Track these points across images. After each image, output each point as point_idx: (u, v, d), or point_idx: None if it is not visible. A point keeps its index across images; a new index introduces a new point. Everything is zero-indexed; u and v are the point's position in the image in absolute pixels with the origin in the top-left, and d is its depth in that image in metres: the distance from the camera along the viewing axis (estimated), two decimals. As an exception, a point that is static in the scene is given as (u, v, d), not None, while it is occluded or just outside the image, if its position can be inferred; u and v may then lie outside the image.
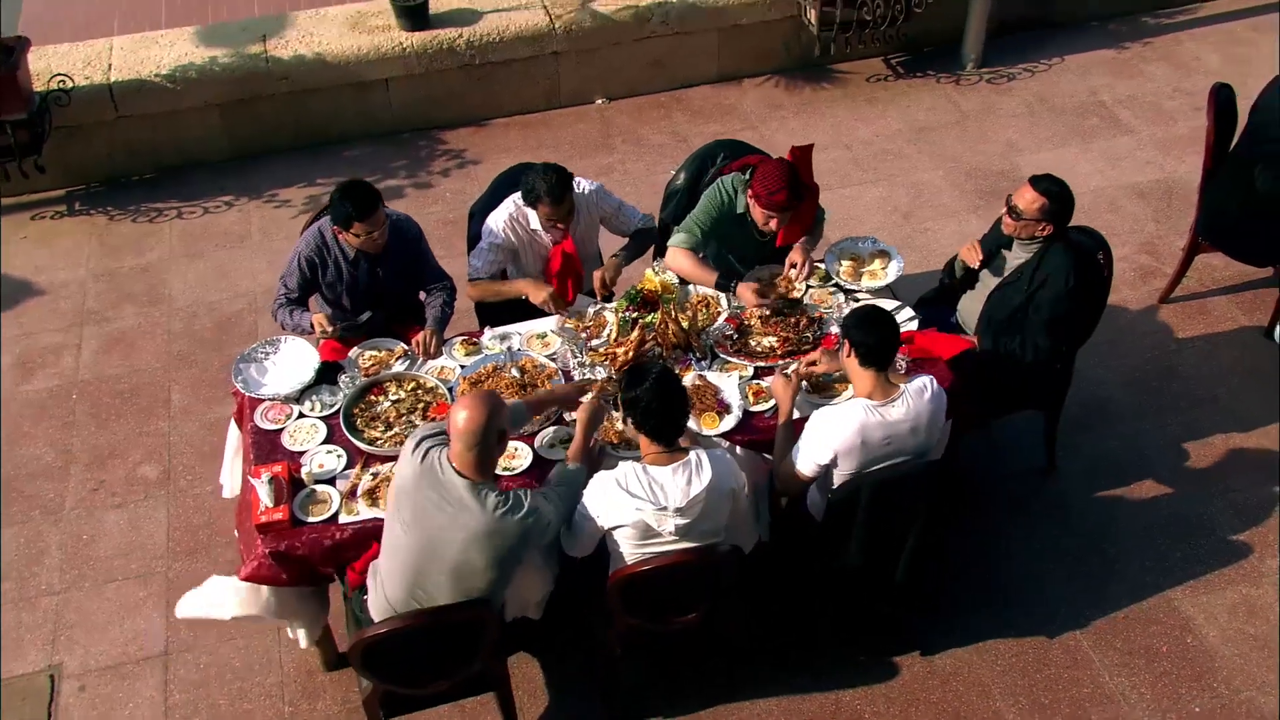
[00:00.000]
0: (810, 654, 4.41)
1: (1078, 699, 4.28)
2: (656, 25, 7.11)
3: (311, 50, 6.72)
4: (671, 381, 3.68)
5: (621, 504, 3.60)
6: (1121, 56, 7.68)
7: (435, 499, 3.47)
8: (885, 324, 3.81)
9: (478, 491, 3.45)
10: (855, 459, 3.79)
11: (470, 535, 3.45)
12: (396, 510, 3.58)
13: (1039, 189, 4.38)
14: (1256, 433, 5.22)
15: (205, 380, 5.61)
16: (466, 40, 6.86)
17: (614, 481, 3.64)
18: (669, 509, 3.57)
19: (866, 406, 3.80)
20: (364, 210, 4.34)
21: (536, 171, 4.50)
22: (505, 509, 3.47)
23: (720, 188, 4.76)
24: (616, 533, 3.67)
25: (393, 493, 3.63)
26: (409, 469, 3.54)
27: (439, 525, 3.47)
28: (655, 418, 3.61)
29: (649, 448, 3.67)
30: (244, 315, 5.96)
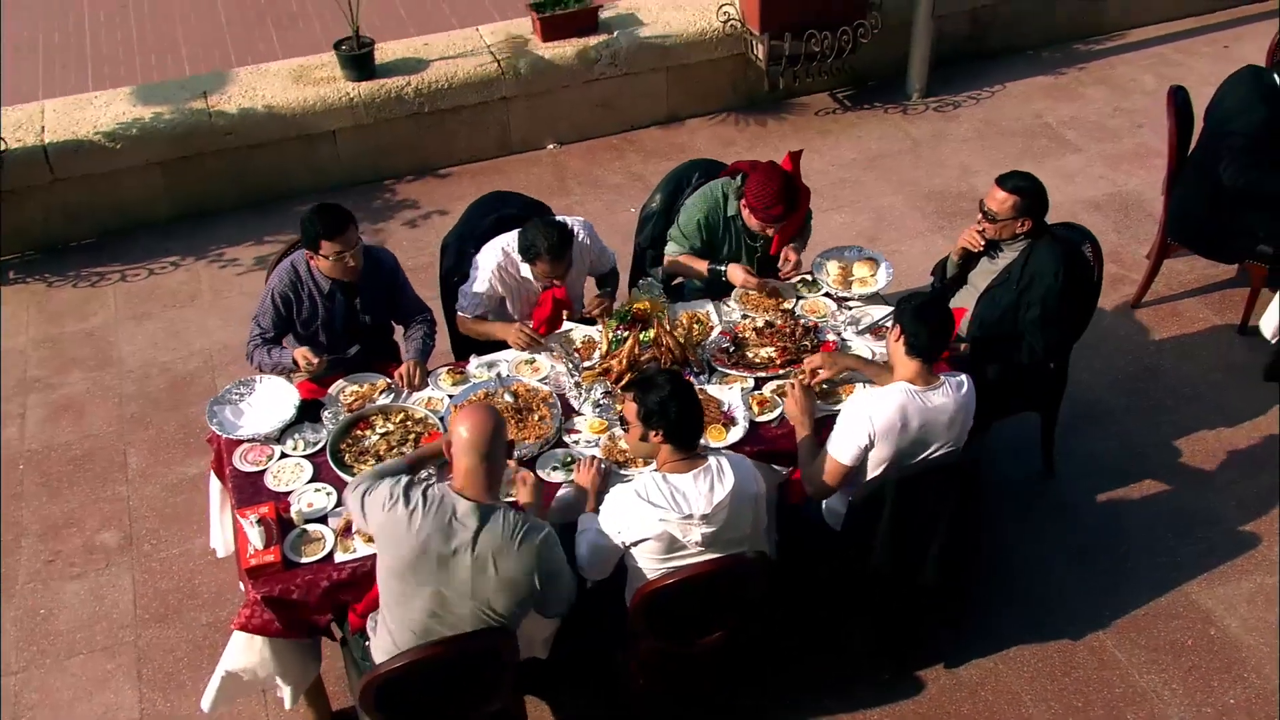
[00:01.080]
0: (833, 675, 4.22)
1: (1111, 700, 4.15)
2: (605, 66, 7.07)
3: (257, 103, 6.54)
4: (685, 383, 3.53)
5: (644, 516, 3.41)
6: (1060, 81, 7.83)
7: (443, 542, 3.19)
8: (941, 318, 3.73)
9: (493, 515, 3.22)
10: (892, 442, 3.66)
11: (494, 568, 3.21)
12: (400, 570, 3.25)
13: (1008, 188, 4.34)
14: (1245, 426, 5.21)
15: (164, 441, 5.31)
16: (414, 88, 6.75)
17: (634, 493, 3.45)
18: (694, 517, 3.39)
19: (907, 390, 3.68)
20: (333, 228, 4.16)
21: (536, 228, 4.31)
22: (525, 528, 3.26)
23: (711, 190, 4.68)
24: (638, 549, 3.48)
25: (385, 549, 3.31)
26: (392, 521, 3.23)
27: (459, 578, 3.22)
28: (679, 420, 3.44)
29: (669, 456, 3.50)
30: (200, 374, 5.68)
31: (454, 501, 3.22)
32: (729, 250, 4.74)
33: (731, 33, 7.19)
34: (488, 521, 3.21)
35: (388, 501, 3.26)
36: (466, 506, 3.21)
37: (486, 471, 3.24)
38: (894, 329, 3.78)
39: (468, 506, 3.21)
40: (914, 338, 3.69)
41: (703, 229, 4.68)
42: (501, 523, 3.22)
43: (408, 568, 3.22)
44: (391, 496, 3.26)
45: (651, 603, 3.46)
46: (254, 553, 3.63)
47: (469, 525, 3.19)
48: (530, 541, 3.25)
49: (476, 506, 3.21)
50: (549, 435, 4.03)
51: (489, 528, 3.20)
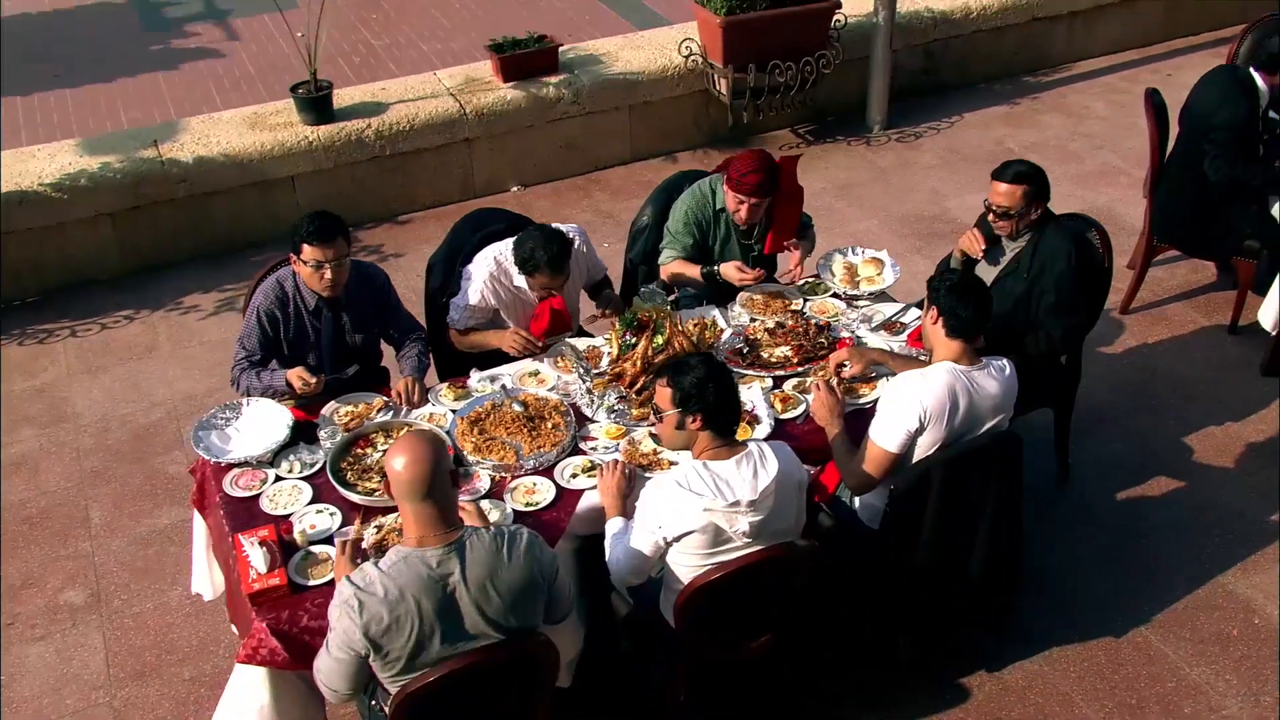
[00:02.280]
0: (873, 688, 3.98)
1: (1164, 695, 3.95)
2: (567, 105, 6.96)
3: (212, 149, 6.30)
4: (720, 364, 3.34)
5: (686, 507, 3.17)
6: (1015, 110, 7.91)
7: (437, 599, 2.85)
8: (981, 297, 3.59)
9: (465, 542, 2.89)
10: (943, 425, 3.47)
11: (494, 591, 2.90)
12: (415, 654, 2.89)
13: (1009, 178, 4.24)
14: (1252, 420, 5.14)
15: (129, 494, 4.94)
16: (375, 130, 6.56)
17: (674, 483, 3.22)
18: (741, 504, 3.16)
19: (954, 370, 3.51)
20: (320, 233, 3.90)
21: (535, 239, 4.11)
22: (505, 538, 2.96)
23: (698, 186, 4.58)
24: (681, 544, 3.23)
25: (397, 645, 2.87)
26: (391, 635, 2.85)
27: (469, 619, 2.90)
28: (718, 402, 3.23)
29: (708, 443, 3.27)
30: (164, 424, 5.33)
31: (420, 557, 2.86)
32: (721, 248, 4.59)
33: (694, 68, 7.14)
34: (464, 552, 2.89)
35: (373, 625, 2.83)
36: (436, 553, 2.87)
37: (438, 509, 2.88)
38: (929, 312, 3.63)
39: (438, 553, 2.87)
40: (954, 318, 3.54)
41: (692, 226, 4.53)
42: (480, 546, 2.92)
43: (421, 649, 2.89)
44: (364, 616, 2.82)
45: (700, 600, 3.21)
46: (257, 577, 3.31)
47: (451, 568, 2.88)
48: (517, 547, 2.96)
49: (446, 548, 2.88)
50: (565, 442, 3.78)
51: (471, 558, 2.89)
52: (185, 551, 4.54)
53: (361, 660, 2.90)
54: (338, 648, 2.90)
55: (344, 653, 2.89)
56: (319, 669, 3.01)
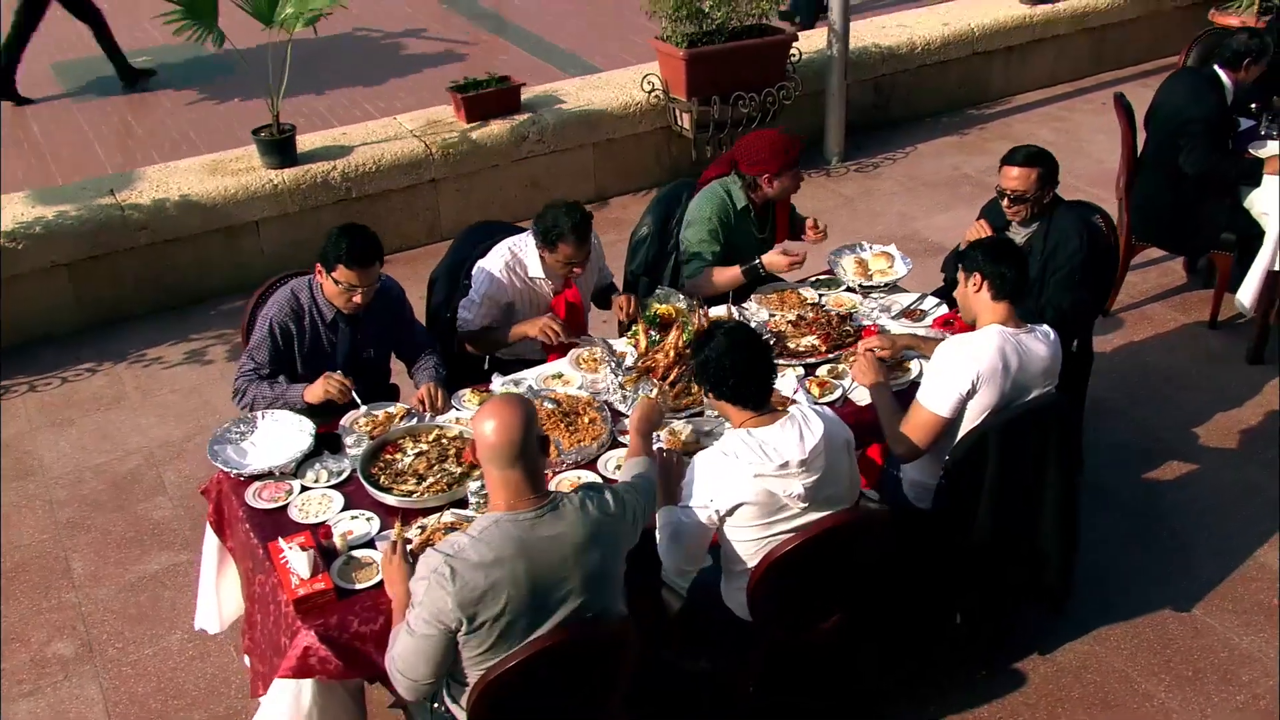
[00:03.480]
0: (923, 678, 3.86)
1: (1219, 665, 3.90)
2: (533, 144, 6.91)
3: (173, 194, 6.08)
4: (745, 333, 3.20)
5: (736, 476, 3.05)
6: (965, 140, 8.08)
7: (550, 569, 2.72)
8: (1019, 256, 3.56)
9: (559, 504, 2.78)
10: (996, 387, 3.40)
11: (595, 545, 2.77)
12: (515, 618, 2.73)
13: (1020, 162, 4.30)
14: (1249, 405, 5.20)
15: (113, 541, 4.63)
16: (341, 172, 6.42)
17: (720, 454, 3.10)
18: (791, 464, 3.04)
19: (1002, 331, 3.46)
20: (358, 256, 3.75)
21: (555, 210, 4.03)
22: (590, 491, 2.86)
23: (713, 191, 4.50)
24: (734, 518, 3.09)
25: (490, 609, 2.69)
26: (488, 600, 2.67)
27: (564, 604, 2.75)
28: (733, 376, 3.11)
29: (740, 415, 3.16)
30: (142, 471, 5.03)
31: (513, 520, 2.71)
32: (745, 246, 4.53)
33: (655, 104, 7.17)
34: (558, 514, 2.76)
35: (467, 592, 2.65)
36: (529, 516, 2.72)
37: (527, 474, 2.76)
38: (969, 278, 3.59)
39: (530, 515, 2.73)
40: (998, 279, 3.51)
41: (718, 232, 4.46)
42: (572, 507, 2.79)
43: (515, 618, 2.72)
44: (456, 583, 2.64)
45: (775, 576, 3.06)
46: (300, 582, 3.08)
47: (546, 530, 2.73)
48: (607, 505, 2.85)
49: (538, 510, 2.74)
50: (604, 436, 3.64)
51: (565, 519, 2.76)
52: (181, 596, 4.31)
53: (450, 637, 2.70)
54: (424, 623, 2.70)
55: (432, 628, 2.68)
56: (396, 657, 2.80)
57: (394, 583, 3.03)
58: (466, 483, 3.42)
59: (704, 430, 3.67)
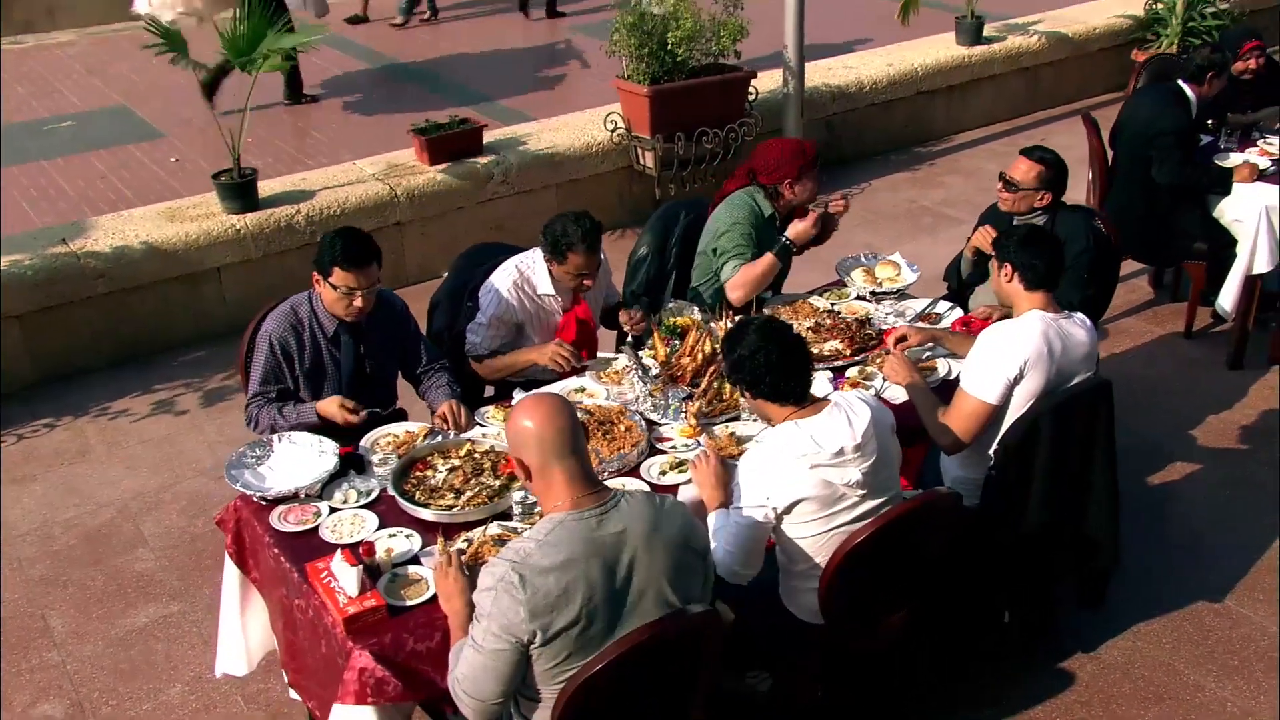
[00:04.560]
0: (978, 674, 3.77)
1: (1262, 652, 3.88)
2: (497, 184, 6.81)
3: (132, 240, 5.83)
4: (777, 327, 3.12)
5: (791, 469, 2.95)
6: (918, 175, 8.21)
7: (611, 567, 2.55)
8: (1051, 243, 3.53)
9: (618, 501, 2.61)
10: (1043, 371, 3.36)
11: (659, 546, 2.61)
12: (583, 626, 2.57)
13: (1034, 158, 4.40)
14: (1238, 407, 5.28)
15: (93, 597, 4.32)
16: (305, 216, 6.23)
17: (771, 450, 3.00)
18: (846, 451, 2.95)
19: (1044, 317, 3.43)
20: (353, 256, 3.62)
21: (563, 220, 3.96)
22: (648, 494, 2.73)
23: (739, 199, 4.44)
24: (792, 515, 2.99)
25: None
26: (561, 604, 2.50)
27: (638, 579, 2.58)
28: (769, 373, 3.03)
29: (781, 411, 3.07)
30: (117, 523, 4.73)
31: (579, 518, 2.55)
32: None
33: (618, 144, 7.13)
34: (622, 508, 2.60)
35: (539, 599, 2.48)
36: (595, 512, 2.57)
37: (582, 465, 2.63)
38: (1002, 269, 3.57)
39: (595, 511, 2.57)
40: (1030, 270, 3.49)
41: (752, 238, 4.39)
42: (636, 501, 2.64)
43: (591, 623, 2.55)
44: (527, 591, 2.47)
45: (851, 565, 2.94)
46: (349, 600, 2.88)
47: (614, 526, 2.57)
48: (667, 503, 2.71)
49: (602, 506, 2.58)
50: (643, 443, 3.51)
51: (630, 513, 2.60)
52: (176, 648, 4.06)
53: (522, 651, 2.51)
54: (494, 638, 2.50)
55: (502, 642, 2.50)
56: (461, 677, 2.60)
57: (451, 596, 2.84)
58: (507, 495, 3.26)
59: (744, 435, 3.56)
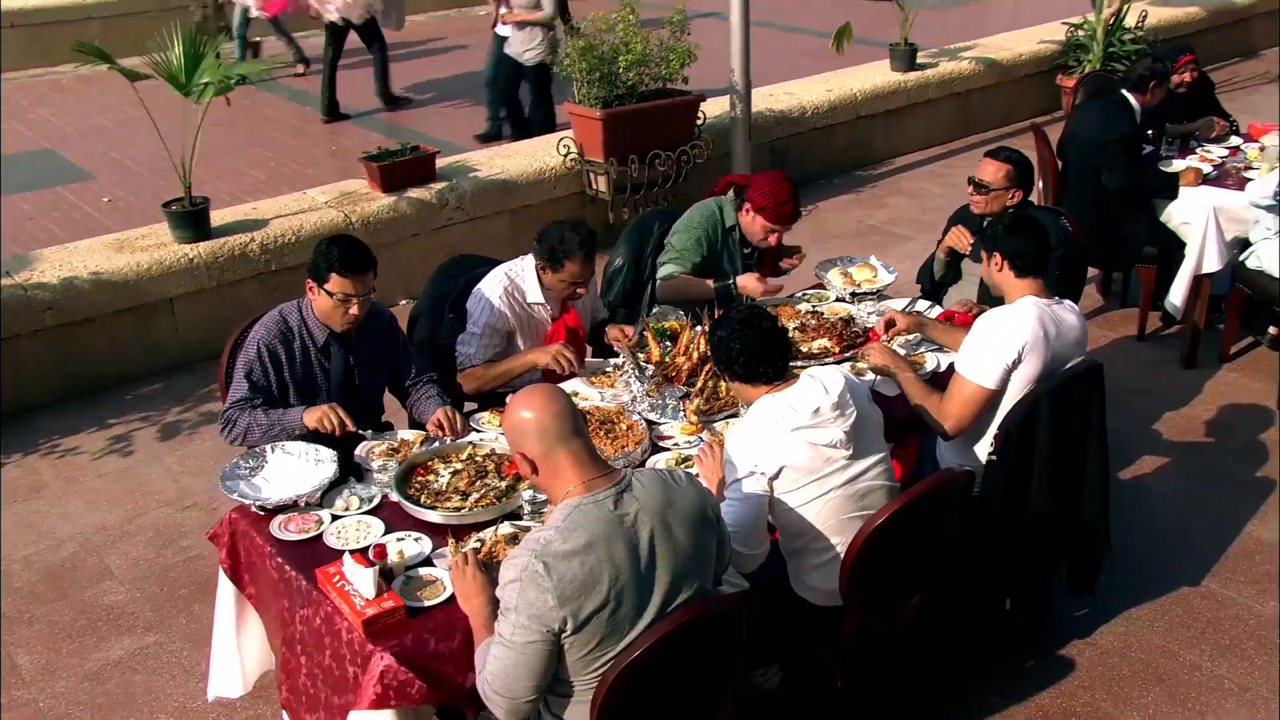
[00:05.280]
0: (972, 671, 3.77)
1: (1251, 631, 3.95)
2: (451, 210, 6.76)
3: (82, 271, 5.65)
4: (752, 312, 3.17)
5: (774, 434, 2.99)
6: (862, 197, 8.34)
7: (631, 545, 2.49)
8: (1037, 228, 3.60)
9: (629, 480, 2.57)
10: (1040, 354, 3.41)
11: (675, 526, 2.56)
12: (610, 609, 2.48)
13: (1000, 159, 4.49)
14: (1196, 403, 5.41)
15: (61, 632, 4.13)
16: (259, 244, 6.11)
17: (751, 423, 3.06)
18: (823, 409, 2.99)
19: (1037, 302, 3.48)
20: (350, 263, 3.56)
21: (559, 229, 3.94)
22: (661, 471, 2.68)
23: (705, 206, 4.49)
24: (781, 482, 3.01)
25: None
26: (589, 585, 2.44)
27: (661, 560, 2.53)
28: (743, 355, 3.09)
29: (756, 390, 3.12)
30: (81, 558, 4.54)
31: (595, 500, 2.50)
32: (727, 266, 4.49)
33: (570, 168, 7.14)
34: (635, 488, 2.56)
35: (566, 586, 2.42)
36: (609, 493, 2.52)
37: (587, 447, 2.60)
38: (990, 259, 3.63)
39: (610, 492, 2.53)
40: (1020, 256, 3.55)
41: (703, 244, 4.44)
42: (647, 479, 2.61)
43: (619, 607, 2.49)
44: (553, 578, 2.41)
45: (871, 551, 2.92)
46: (366, 602, 2.79)
47: (630, 506, 2.53)
48: (680, 478, 2.67)
49: (615, 487, 2.54)
50: (645, 441, 3.48)
51: (644, 492, 2.56)
52: (157, 679, 3.91)
53: (553, 641, 2.45)
54: (523, 630, 2.44)
55: (532, 633, 2.43)
56: (491, 677, 2.52)
57: (470, 596, 2.77)
58: (515, 495, 3.20)
59: (746, 428, 3.55)
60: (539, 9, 8.24)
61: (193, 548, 4.56)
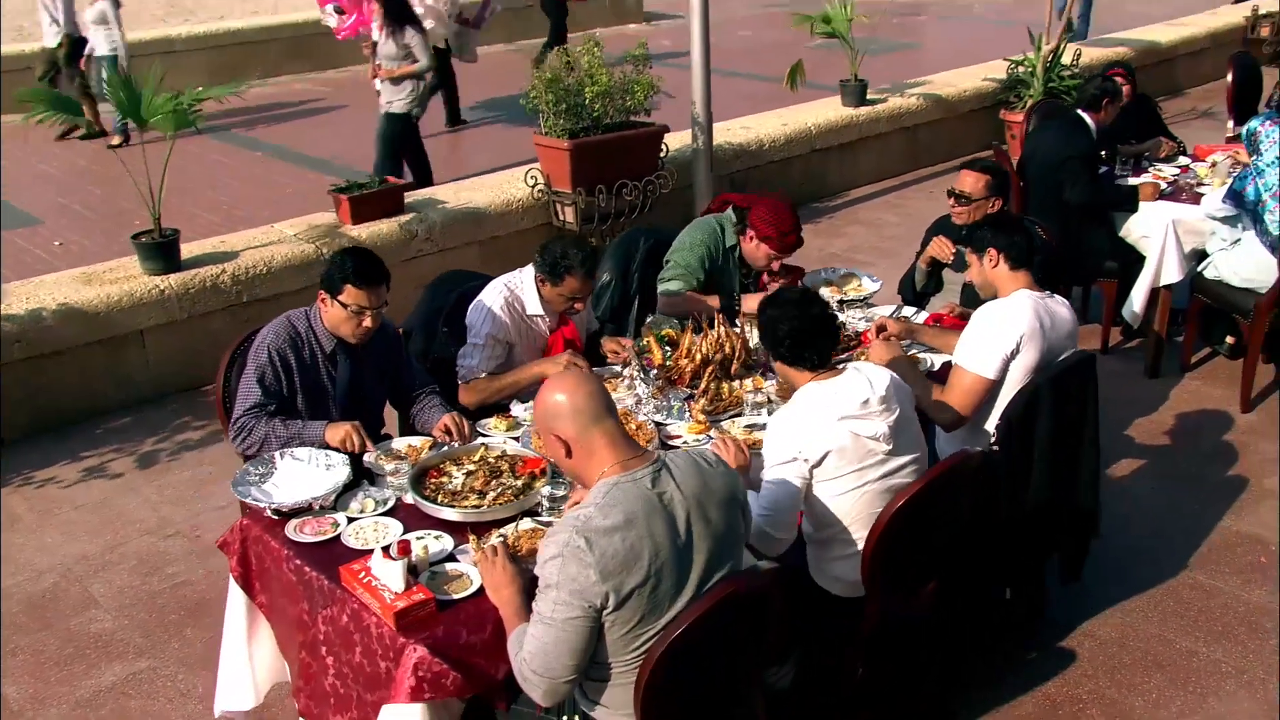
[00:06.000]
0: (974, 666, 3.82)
1: (1241, 617, 4.05)
2: (421, 242, 6.77)
3: (50, 303, 5.56)
4: (806, 300, 3.23)
5: (820, 421, 3.03)
6: (820, 227, 8.49)
7: (671, 525, 2.52)
8: (1020, 223, 3.73)
9: (668, 462, 2.60)
10: (1038, 344, 3.52)
11: (711, 508, 2.59)
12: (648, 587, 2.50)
13: (978, 169, 4.63)
14: (1163, 410, 5.56)
15: (48, 661, 4.02)
16: (231, 275, 6.05)
17: (798, 407, 3.10)
18: (871, 402, 3.04)
19: (1031, 295, 3.58)
20: (365, 275, 3.56)
21: (561, 244, 3.97)
22: (697, 456, 2.70)
23: (707, 223, 4.55)
24: (823, 469, 3.05)
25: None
26: (628, 559, 2.46)
27: (697, 565, 2.55)
28: (789, 338, 3.15)
29: (802, 376, 3.18)
30: (62, 588, 4.42)
31: (633, 479, 2.52)
32: (726, 283, 4.56)
33: (537, 200, 7.19)
34: (670, 468, 2.58)
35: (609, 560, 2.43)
36: (646, 472, 2.54)
37: (620, 427, 2.63)
38: (984, 256, 3.74)
39: (647, 471, 2.55)
40: (1014, 248, 3.67)
41: (705, 262, 4.50)
42: (680, 459, 2.63)
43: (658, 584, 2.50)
44: (595, 552, 2.43)
45: (894, 532, 2.97)
46: (397, 595, 2.76)
47: (666, 485, 2.55)
48: (709, 459, 2.69)
49: (651, 466, 2.56)
50: (655, 439, 3.51)
51: (679, 473, 2.58)
52: (153, 704, 3.85)
53: (594, 618, 2.45)
54: (565, 607, 2.44)
55: (574, 609, 2.43)
56: (530, 656, 2.51)
57: (501, 586, 2.76)
58: (532, 492, 3.20)
59: (756, 424, 3.59)
60: (411, 60, 8.14)
61: (179, 574, 4.47)
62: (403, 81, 8.20)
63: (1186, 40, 12.60)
